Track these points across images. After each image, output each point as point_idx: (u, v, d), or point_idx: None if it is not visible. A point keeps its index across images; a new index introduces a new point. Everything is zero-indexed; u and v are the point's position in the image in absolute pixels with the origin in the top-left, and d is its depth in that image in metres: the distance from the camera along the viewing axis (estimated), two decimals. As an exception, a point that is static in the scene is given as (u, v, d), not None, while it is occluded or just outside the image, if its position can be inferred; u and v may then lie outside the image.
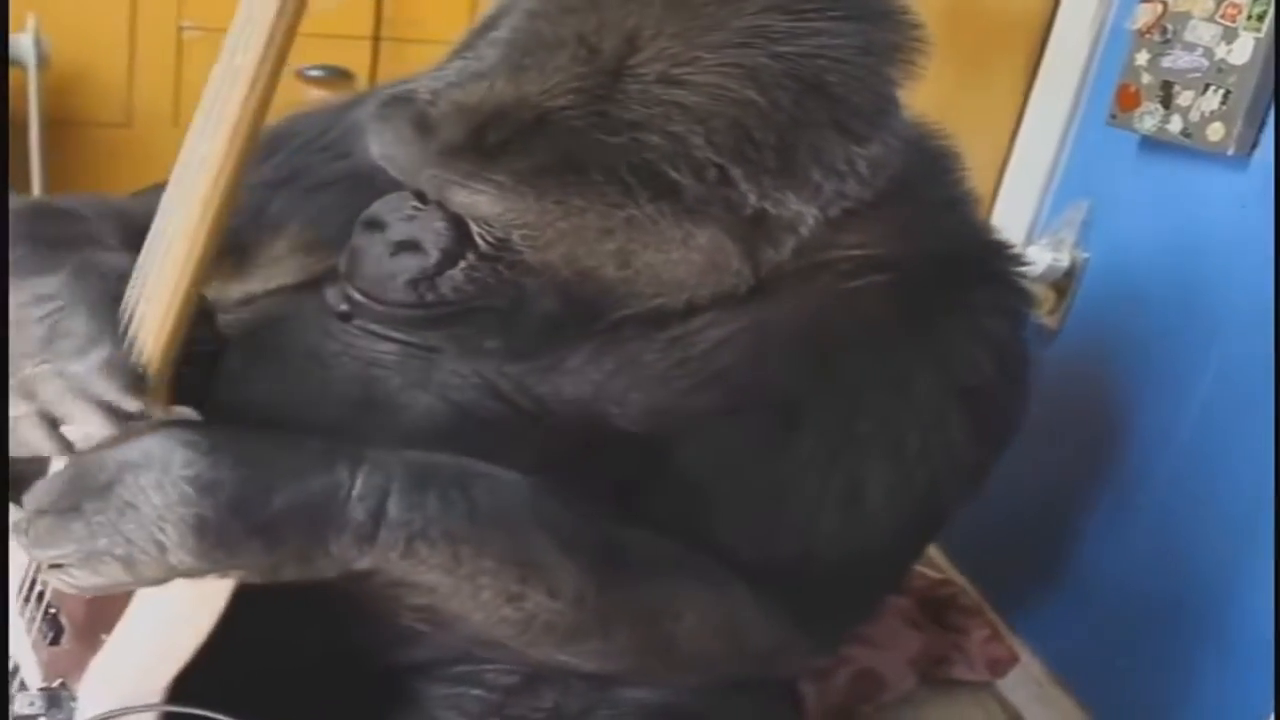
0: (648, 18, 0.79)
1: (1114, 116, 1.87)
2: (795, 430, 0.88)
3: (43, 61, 2.22)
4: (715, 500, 0.89)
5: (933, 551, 1.87)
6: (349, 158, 1.00)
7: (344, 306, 0.91)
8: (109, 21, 2.33)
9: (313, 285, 1.03)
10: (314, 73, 2.37)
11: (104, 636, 0.85)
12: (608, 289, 0.86)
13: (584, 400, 0.91)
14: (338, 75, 2.37)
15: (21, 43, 2.20)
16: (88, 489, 0.76)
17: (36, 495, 0.78)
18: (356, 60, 2.39)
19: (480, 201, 0.82)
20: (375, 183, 0.92)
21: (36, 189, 2.31)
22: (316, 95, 2.34)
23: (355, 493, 0.76)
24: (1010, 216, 2.15)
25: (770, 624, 0.89)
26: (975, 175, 2.20)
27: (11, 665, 0.93)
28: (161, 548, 0.74)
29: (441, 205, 0.86)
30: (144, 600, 0.82)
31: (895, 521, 0.91)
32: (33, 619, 0.91)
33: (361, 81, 2.36)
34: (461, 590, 0.80)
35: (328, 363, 0.96)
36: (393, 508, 0.77)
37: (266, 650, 0.90)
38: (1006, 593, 1.82)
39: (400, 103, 0.83)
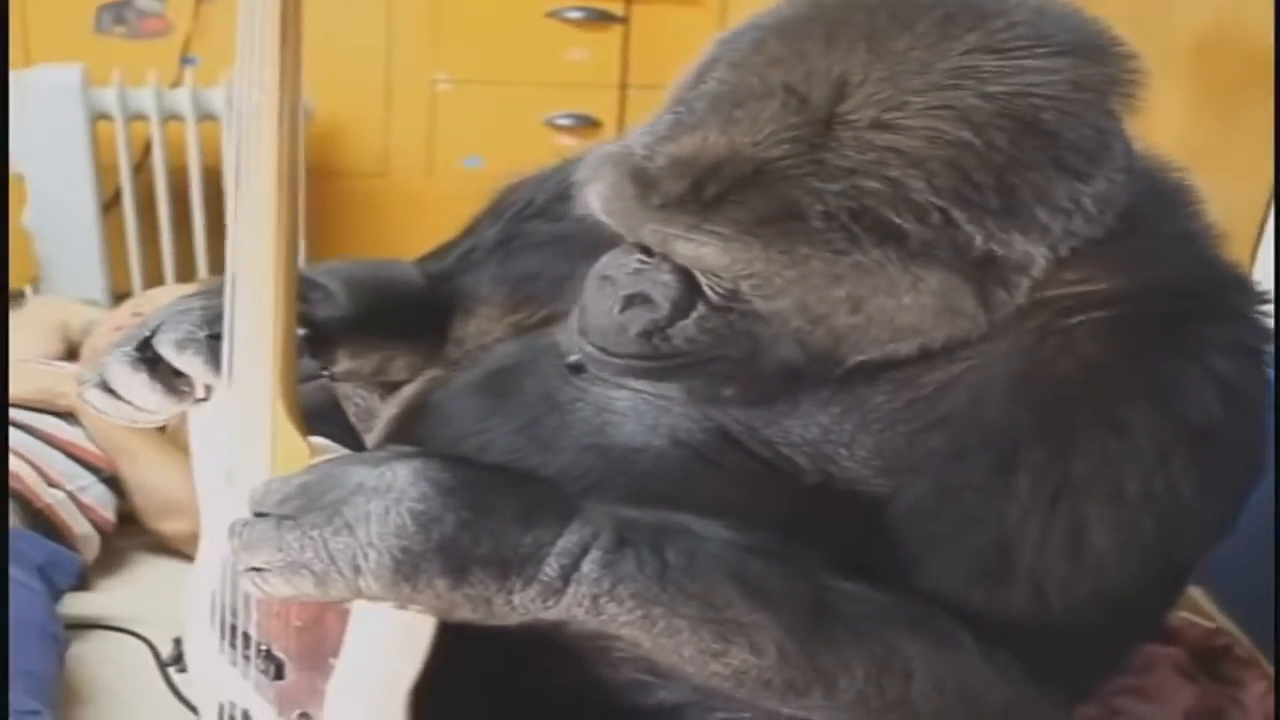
0: (854, 64, 0.79)
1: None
2: (1013, 474, 0.86)
3: (306, 114, 2.34)
4: (940, 549, 0.88)
5: (1205, 601, 1.81)
6: (559, 220, 1.03)
7: (574, 358, 0.93)
8: (367, 76, 2.46)
9: (541, 329, 1.06)
10: (562, 120, 2.46)
11: (332, 661, 0.86)
12: (841, 336, 0.86)
13: (812, 443, 0.92)
14: (586, 123, 2.46)
15: (289, 97, 2.32)
16: (315, 501, 0.78)
17: (260, 496, 0.80)
18: (604, 108, 2.47)
19: (706, 254, 0.83)
20: (583, 242, 0.94)
21: (300, 235, 2.42)
22: (566, 143, 2.41)
23: (556, 548, 0.78)
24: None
25: (1004, 681, 0.86)
26: (1239, 215, 2.15)
27: (239, 711, 0.95)
28: (357, 571, 0.76)
29: (667, 258, 0.87)
30: (361, 620, 0.84)
31: (1126, 569, 0.87)
32: (246, 659, 0.92)
33: (609, 129, 2.44)
34: (663, 647, 0.81)
35: (564, 408, 0.98)
36: (586, 566, 0.78)
37: (506, 684, 0.92)
38: (1285, 646, 1.75)
39: (617, 159, 0.84)
